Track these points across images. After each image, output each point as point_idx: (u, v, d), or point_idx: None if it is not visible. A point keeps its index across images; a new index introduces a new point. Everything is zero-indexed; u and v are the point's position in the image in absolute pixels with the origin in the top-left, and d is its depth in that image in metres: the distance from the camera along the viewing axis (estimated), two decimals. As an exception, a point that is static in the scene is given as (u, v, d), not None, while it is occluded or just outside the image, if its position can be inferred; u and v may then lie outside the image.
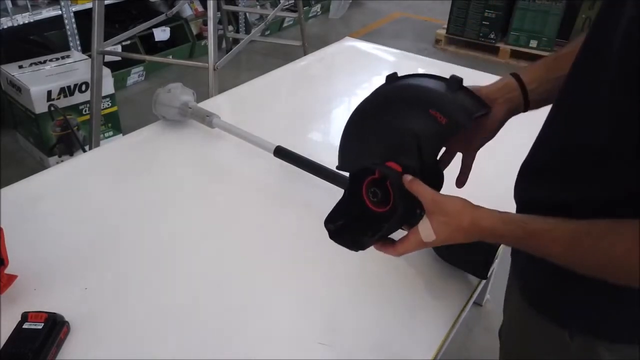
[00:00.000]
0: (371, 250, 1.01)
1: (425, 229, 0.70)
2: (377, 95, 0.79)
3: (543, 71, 0.78)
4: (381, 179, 0.73)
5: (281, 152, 1.18)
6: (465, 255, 0.93)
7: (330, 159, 1.17)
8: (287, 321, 0.86)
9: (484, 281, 0.96)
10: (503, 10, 3.92)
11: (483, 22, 4.02)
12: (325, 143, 1.40)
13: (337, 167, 0.85)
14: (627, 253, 0.56)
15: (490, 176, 0.99)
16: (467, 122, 0.70)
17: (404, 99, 0.75)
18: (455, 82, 0.72)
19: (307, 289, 0.92)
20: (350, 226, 0.78)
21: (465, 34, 4.14)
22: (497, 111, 0.77)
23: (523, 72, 0.79)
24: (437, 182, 0.76)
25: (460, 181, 0.85)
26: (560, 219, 0.62)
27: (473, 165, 0.84)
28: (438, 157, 0.79)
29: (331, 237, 0.79)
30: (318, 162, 1.14)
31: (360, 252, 0.78)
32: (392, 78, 0.77)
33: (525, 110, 0.78)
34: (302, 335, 0.83)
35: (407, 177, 0.71)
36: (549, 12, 3.79)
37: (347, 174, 0.79)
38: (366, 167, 0.73)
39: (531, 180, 0.74)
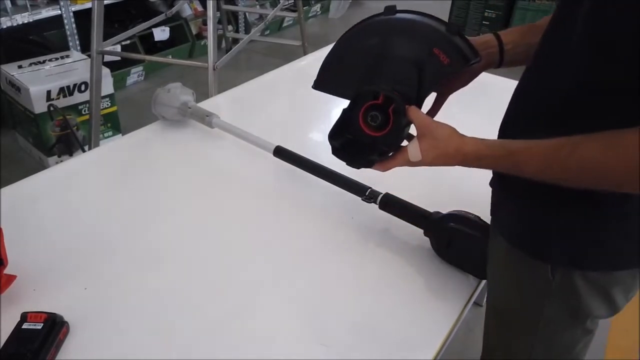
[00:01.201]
0: (371, 250, 1.01)
1: (414, 149, 0.75)
2: (379, 23, 0.79)
3: (519, 36, 0.86)
4: (384, 104, 0.74)
5: (281, 152, 1.18)
6: (465, 255, 0.93)
7: (330, 159, 1.17)
8: (287, 321, 0.86)
9: (484, 281, 0.96)
10: (503, 10, 3.92)
11: (483, 22, 4.02)
12: (325, 143, 1.40)
13: (314, 85, 0.85)
14: (602, 155, 0.61)
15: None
16: (464, 66, 0.75)
17: (409, 32, 0.76)
18: (454, 25, 0.76)
19: (307, 289, 0.92)
20: (351, 145, 0.81)
21: (465, 34, 4.13)
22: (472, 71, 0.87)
23: (502, 34, 0.87)
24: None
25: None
26: (538, 141, 0.68)
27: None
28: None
29: (334, 152, 0.82)
30: (318, 162, 1.14)
31: (361, 252, 0.87)
32: (391, 9, 0.78)
33: (498, 67, 0.87)
34: (302, 335, 0.83)
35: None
36: (549, 11, 3.75)
37: (344, 172, 0.85)
38: (372, 90, 0.75)
39: (509, 135, 0.78)
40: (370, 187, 1.05)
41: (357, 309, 0.88)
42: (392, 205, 1.03)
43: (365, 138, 0.78)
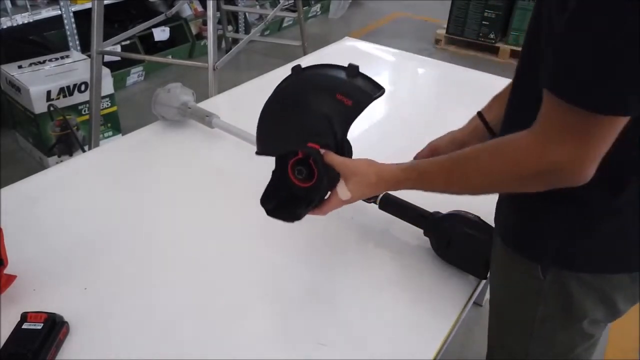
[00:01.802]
0: (371, 250, 1.01)
1: (342, 189, 0.82)
2: (288, 86, 0.89)
3: (500, 108, 0.88)
4: (304, 158, 0.83)
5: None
6: (465, 255, 0.93)
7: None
8: (287, 321, 0.86)
9: (484, 281, 0.96)
10: (503, 10, 3.92)
11: (483, 22, 4.02)
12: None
13: (257, 153, 0.93)
14: (491, 163, 0.68)
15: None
16: (367, 102, 0.81)
17: (314, 87, 0.85)
18: (352, 68, 0.82)
19: (307, 288, 0.92)
20: (284, 202, 0.88)
21: (465, 34, 4.14)
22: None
23: (486, 112, 0.98)
24: (349, 153, 0.89)
25: None
26: (443, 156, 0.76)
27: None
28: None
29: (269, 214, 0.88)
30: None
31: (361, 252, 0.89)
32: (297, 70, 0.88)
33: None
34: (302, 335, 0.83)
35: (321, 151, 0.82)
36: (549, 12, 3.79)
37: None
38: (291, 150, 0.84)
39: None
40: None
41: (357, 308, 0.88)
42: (392, 205, 1.03)
43: (299, 191, 0.86)
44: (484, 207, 0.86)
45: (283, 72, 0.92)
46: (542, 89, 0.60)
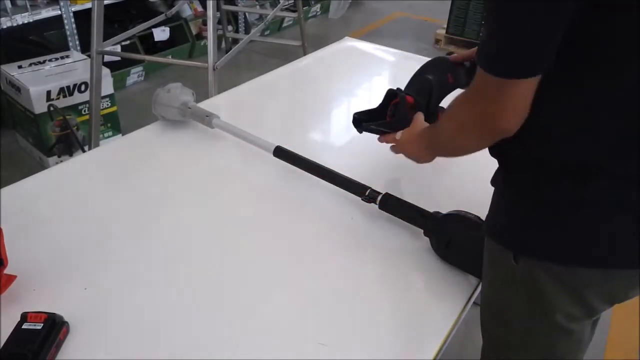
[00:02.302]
0: (371, 250, 1.01)
1: (400, 132, 1.05)
2: (437, 61, 1.15)
3: None
4: (399, 102, 1.07)
5: (281, 152, 1.18)
6: (465, 255, 0.93)
7: (330, 159, 1.17)
8: (286, 321, 0.86)
9: (484, 281, 0.96)
10: (503, 10, 3.92)
11: (483, 22, 4.02)
12: (325, 143, 1.40)
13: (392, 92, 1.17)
14: (445, 121, 0.85)
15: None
16: (464, 85, 1.07)
17: (438, 65, 1.12)
18: (471, 62, 1.08)
19: (306, 288, 0.92)
20: (366, 121, 1.12)
21: (464, 34, 4.13)
22: None
23: None
24: (435, 118, 1.09)
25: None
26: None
27: None
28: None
29: (353, 121, 1.12)
30: (318, 162, 1.14)
31: (362, 253, 0.91)
32: (448, 54, 1.14)
33: None
34: (302, 335, 0.83)
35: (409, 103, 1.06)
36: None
37: (347, 175, 1.09)
38: (394, 92, 1.08)
39: None
40: (370, 187, 1.06)
41: (357, 308, 0.88)
42: (391, 205, 1.03)
43: (384, 120, 1.11)
44: (484, 207, 0.86)
45: (283, 72, 0.92)
46: None
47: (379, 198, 1.03)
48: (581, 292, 0.75)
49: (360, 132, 1.10)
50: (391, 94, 1.09)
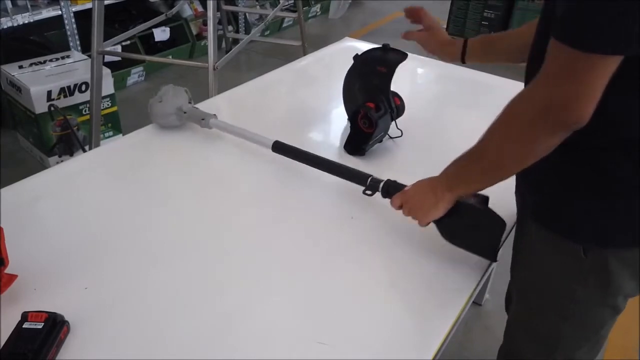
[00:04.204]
0: (370, 250, 1.01)
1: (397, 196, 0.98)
2: (351, 70, 1.33)
3: (484, 44, 1.15)
4: (365, 113, 1.22)
5: (280, 147, 1.18)
6: (473, 237, 0.93)
7: (331, 158, 1.17)
8: (286, 320, 0.86)
9: (483, 280, 0.96)
10: (502, 10, 3.93)
11: (482, 22, 4.02)
12: (325, 143, 1.40)
13: (349, 117, 1.33)
14: (489, 140, 0.78)
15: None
16: (397, 65, 1.22)
17: (363, 65, 1.29)
18: (385, 46, 1.26)
19: (306, 288, 0.92)
20: (356, 145, 1.26)
21: (464, 34, 4.14)
22: (442, 44, 1.20)
23: (471, 39, 1.15)
24: (402, 105, 1.31)
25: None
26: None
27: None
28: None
29: (349, 153, 1.27)
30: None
31: (361, 252, 0.92)
32: (355, 57, 1.30)
33: (462, 61, 1.18)
34: (302, 335, 0.83)
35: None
36: (549, 12, 3.79)
37: (346, 165, 1.12)
38: (356, 109, 1.24)
39: None
40: (371, 175, 1.05)
41: (357, 308, 0.88)
42: (395, 191, 1.00)
43: (365, 134, 1.24)
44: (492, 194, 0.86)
45: (283, 72, 0.92)
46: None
47: (381, 185, 1.02)
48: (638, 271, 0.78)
49: (364, 154, 1.25)
50: (354, 114, 1.24)
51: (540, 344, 0.92)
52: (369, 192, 1.05)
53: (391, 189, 1.01)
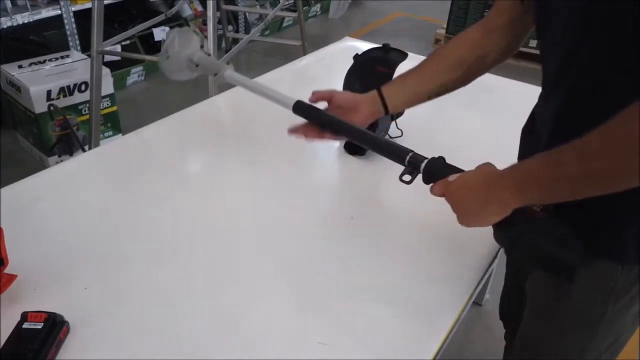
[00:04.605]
0: (370, 250, 1.01)
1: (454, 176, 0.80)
2: (351, 70, 1.32)
3: (399, 85, 1.02)
4: None
5: (300, 108, 1.05)
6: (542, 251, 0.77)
7: (331, 158, 1.18)
8: (286, 320, 0.86)
9: (483, 280, 0.96)
10: (503, 10, 3.92)
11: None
12: (325, 142, 1.40)
13: None
14: (607, 142, 0.60)
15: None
16: (395, 65, 1.22)
17: (365, 64, 1.28)
18: (385, 46, 1.27)
19: (306, 288, 0.92)
20: (356, 145, 1.15)
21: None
22: (362, 115, 1.02)
23: (385, 88, 1.02)
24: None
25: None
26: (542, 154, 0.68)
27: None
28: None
29: (350, 153, 1.24)
30: (319, 161, 1.14)
31: (361, 252, 0.91)
32: (355, 57, 1.31)
33: (386, 114, 1.04)
34: (301, 334, 0.83)
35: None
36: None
37: (381, 137, 1.05)
38: None
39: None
40: (413, 151, 0.87)
41: (356, 308, 0.88)
42: (440, 174, 0.82)
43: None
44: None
45: (283, 72, 0.92)
46: None
47: (423, 165, 0.84)
48: None
49: (364, 154, 1.21)
50: None
51: None
52: (407, 177, 0.86)
53: (435, 169, 0.83)
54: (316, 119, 1.03)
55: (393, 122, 1.30)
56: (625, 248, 0.75)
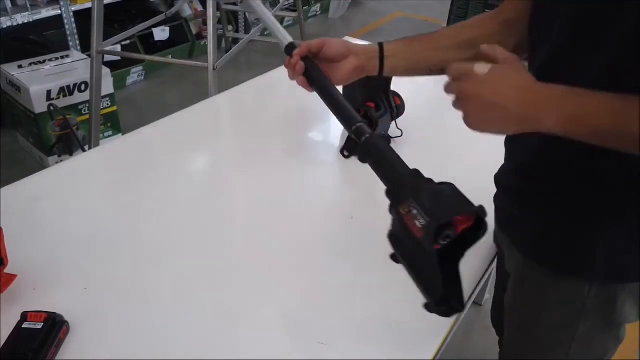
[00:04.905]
0: (370, 250, 1.01)
1: (480, 65, 0.64)
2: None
3: (403, 46, 0.89)
4: (365, 113, 1.19)
5: (291, 50, 0.93)
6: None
7: (330, 158, 1.18)
8: (286, 320, 0.86)
9: (483, 280, 0.96)
10: (503, 10, 3.93)
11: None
12: (324, 142, 1.40)
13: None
14: None
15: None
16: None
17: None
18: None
19: (305, 288, 0.92)
20: (354, 148, 1.20)
21: (464, 34, 4.14)
22: (348, 66, 0.89)
23: (386, 44, 0.90)
24: (402, 104, 1.29)
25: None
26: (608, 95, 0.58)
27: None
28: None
29: (346, 156, 1.21)
30: (319, 161, 1.14)
31: (361, 252, 0.90)
32: None
33: (380, 73, 0.91)
34: (301, 334, 0.83)
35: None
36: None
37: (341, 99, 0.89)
38: (356, 109, 1.03)
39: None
40: (364, 122, 0.79)
41: (356, 308, 0.88)
42: (371, 155, 0.75)
43: None
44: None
45: (283, 71, 0.92)
46: None
47: (363, 139, 0.76)
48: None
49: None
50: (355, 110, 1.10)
51: None
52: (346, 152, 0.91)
53: (374, 151, 0.75)
54: (309, 73, 0.92)
55: (393, 122, 1.30)
56: (593, 267, 0.73)
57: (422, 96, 1.61)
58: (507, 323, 0.93)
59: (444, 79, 0.78)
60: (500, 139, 0.83)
